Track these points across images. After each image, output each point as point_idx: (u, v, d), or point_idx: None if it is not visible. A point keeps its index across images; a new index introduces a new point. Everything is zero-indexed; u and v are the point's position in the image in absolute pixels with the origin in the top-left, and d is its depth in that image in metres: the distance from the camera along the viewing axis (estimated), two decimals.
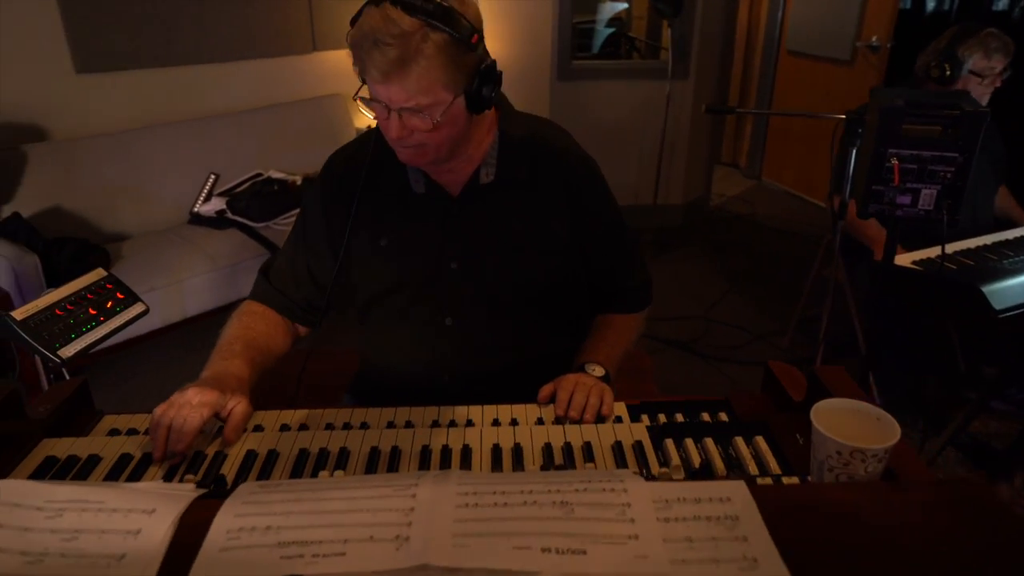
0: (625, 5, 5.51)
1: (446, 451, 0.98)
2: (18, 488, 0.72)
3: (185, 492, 0.74)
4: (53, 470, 0.94)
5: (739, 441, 0.98)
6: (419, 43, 1.02)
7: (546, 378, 1.19)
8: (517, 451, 0.97)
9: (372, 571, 0.64)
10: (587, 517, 0.69)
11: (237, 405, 1.05)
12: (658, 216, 4.33)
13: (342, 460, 0.96)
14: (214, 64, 3.58)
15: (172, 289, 2.80)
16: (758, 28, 5.33)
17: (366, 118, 1.37)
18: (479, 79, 1.10)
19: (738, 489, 0.74)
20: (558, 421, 1.10)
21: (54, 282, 2.53)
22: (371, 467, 0.94)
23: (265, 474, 0.93)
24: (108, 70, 3.31)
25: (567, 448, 0.98)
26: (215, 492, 0.76)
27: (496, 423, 1.08)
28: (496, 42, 4.26)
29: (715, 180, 5.11)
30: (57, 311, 1.36)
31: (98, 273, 1.50)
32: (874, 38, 4.23)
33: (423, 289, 1.27)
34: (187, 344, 2.88)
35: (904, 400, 2.48)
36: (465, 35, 1.05)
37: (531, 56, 4.18)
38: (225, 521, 0.69)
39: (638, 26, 5.95)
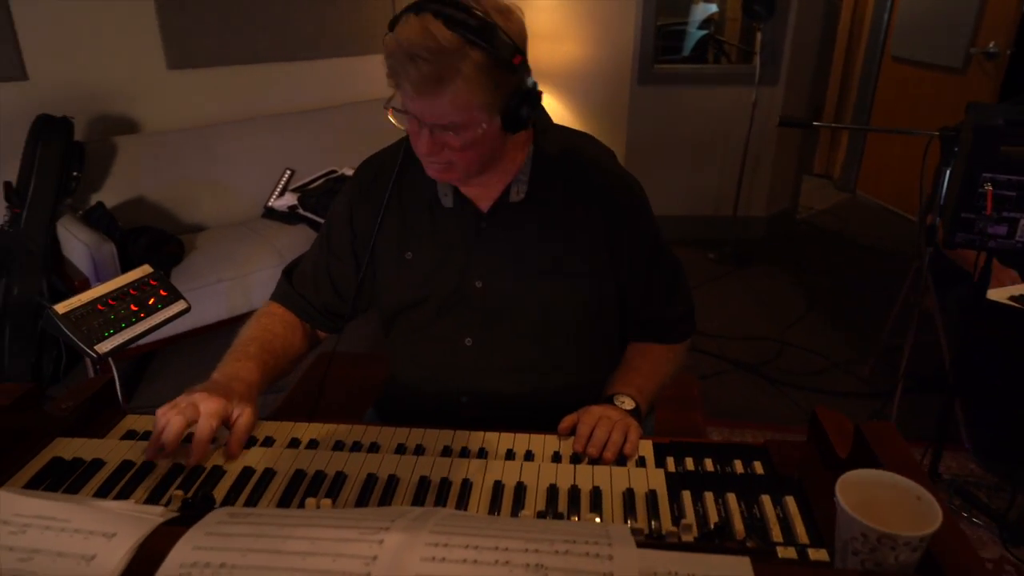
0: (715, 7, 5.31)
1: (445, 484, 0.92)
2: None
3: (152, 516, 0.72)
4: (53, 473, 0.94)
5: (766, 500, 0.88)
6: (457, 61, 0.97)
7: (569, 407, 1.12)
8: (519, 490, 0.91)
9: None
10: None
11: (241, 416, 1.02)
12: (738, 228, 4.14)
13: (336, 486, 0.92)
14: (296, 62, 3.67)
15: (240, 281, 2.87)
16: (861, 31, 5.02)
17: None
18: (518, 99, 1.04)
19: (740, 567, 0.65)
20: (576, 457, 1.03)
21: (128, 270, 2.64)
22: (364, 496, 0.90)
23: (256, 496, 0.90)
24: (196, 67, 3.44)
25: (573, 492, 0.91)
26: (183, 518, 0.73)
27: (510, 455, 1.02)
28: (575, 44, 4.19)
29: (803, 192, 4.86)
30: (99, 306, 1.39)
31: (144, 270, 1.53)
32: (992, 44, 3.89)
33: (445, 306, 1.22)
34: None
35: (995, 448, 2.25)
36: (506, 55, 0.99)
37: (611, 59, 4.08)
38: (181, 554, 0.66)
39: (731, 28, 5.72)
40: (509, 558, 0.65)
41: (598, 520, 0.86)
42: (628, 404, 1.16)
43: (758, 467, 0.99)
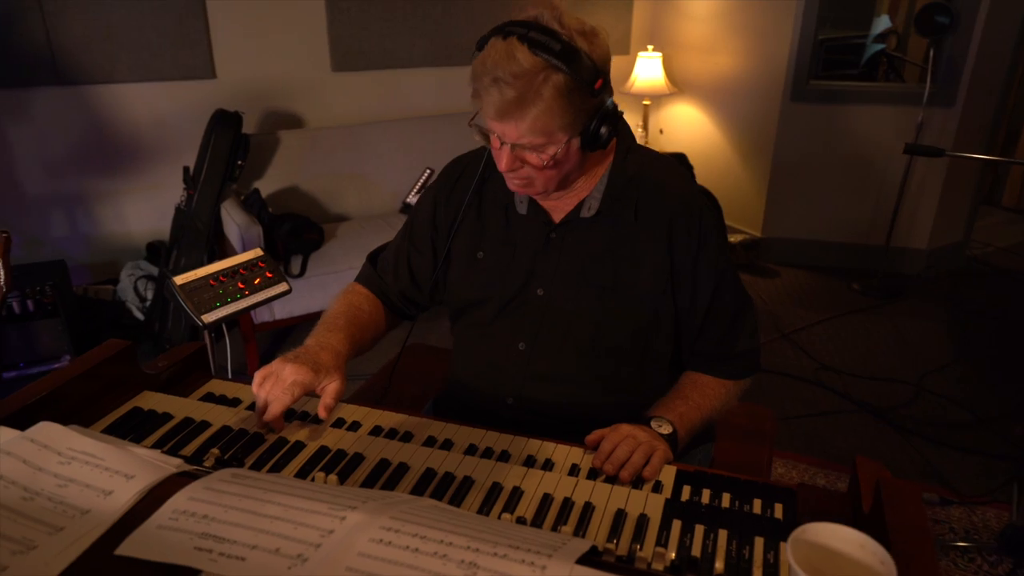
0: (888, 23, 4.91)
1: (447, 479, 0.97)
2: (52, 432, 0.85)
3: (168, 467, 0.83)
4: (130, 420, 1.09)
5: (759, 543, 0.84)
6: (539, 85, 1.02)
7: (610, 424, 1.12)
8: (514, 495, 0.93)
9: None
10: None
11: (331, 383, 1.09)
12: (891, 260, 3.81)
13: (351, 466, 0.99)
14: (448, 67, 3.86)
15: None
16: None
17: None
18: (598, 120, 1.08)
19: None
20: (594, 472, 1.03)
21: (272, 252, 2.93)
22: (372, 479, 0.96)
23: (279, 464, 0.99)
24: (357, 69, 3.73)
25: (565, 504, 0.92)
26: (195, 471, 0.83)
27: (529, 461, 1.04)
28: (727, 56, 4.06)
29: (982, 226, 4.37)
30: (211, 281, 1.58)
31: (255, 252, 1.71)
32: None
33: (505, 308, 1.27)
34: None
35: None
36: (588, 78, 1.03)
37: (763, 73, 3.91)
38: (177, 501, 0.76)
39: (914, 45, 5.26)
40: (448, 552, 0.69)
41: (572, 535, 0.87)
42: (664, 429, 1.14)
43: (778, 510, 0.95)
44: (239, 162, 3.06)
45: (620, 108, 1.16)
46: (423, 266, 1.36)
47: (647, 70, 4.20)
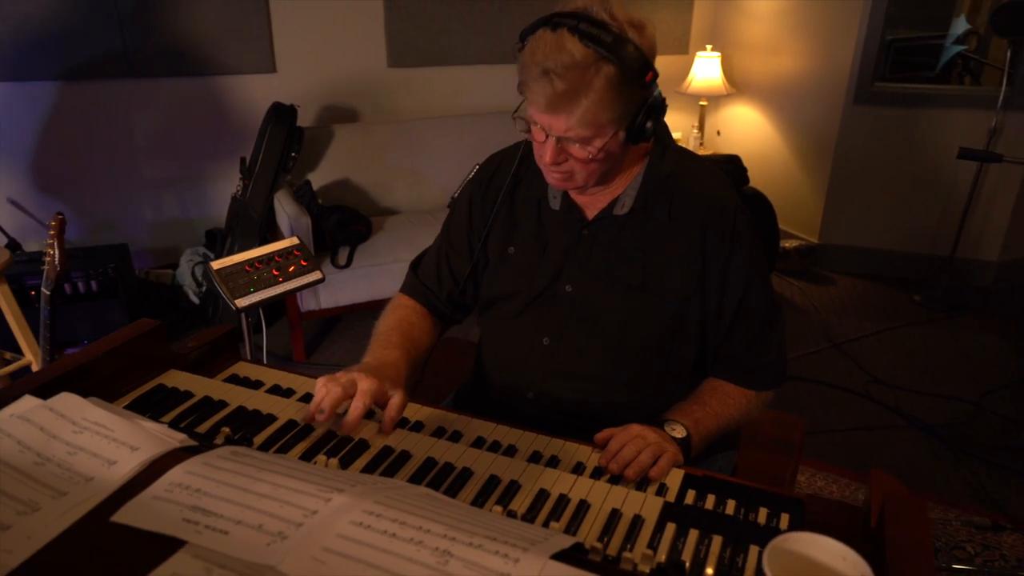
0: (966, 24, 4.68)
1: (447, 469, 0.97)
2: (70, 402, 0.89)
3: (172, 441, 0.86)
4: (154, 396, 1.13)
5: (754, 551, 0.82)
6: (591, 77, 1.01)
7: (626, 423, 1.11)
8: (510, 490, 0.93)
9: (236, 556, 0.68)
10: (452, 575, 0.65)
11: (394, 397, 1.06)
12: (958, 272, 3.64)
13: (356, 452, 1.00)
14: (500, 65, 3.88)
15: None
16: None
17: None
18: (645, 113, 1.07)
19: None
20: (599, 471, 1.02)
21: (320, 242, 3.00)
22: (372, 465, 0.97)
23: (286, 447, 1.01)
24: (412, 66, 3.78)
25: (561, 501, 0.91)
26: (198, 447, 0.86)
27: (535, 456, 1.04)
28: (789, 56, 3.95)
29: None
30: (247, 267, 1.63)
31: (291, 240, 1.76)
32: None
33: (532, 304, 1.27)
34: None
35: None
36: (638, 70, 1.02)
37: (826, 75, 3.79)
38: (175, 474, 0.79)
39: (996, 47, 5.00)
40: (424, 539, 0.69)
41: (562, 532, 0.86)
42: (678, 432, 1.12)
43: (784, 520, 0.92)
44: (293, 154, 3.15)
45: (668, 104, 1.14)
46: (461, 265, 1.36)
47: (705, 70, 4.12)
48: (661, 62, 1.07)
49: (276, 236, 3.18)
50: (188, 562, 0.67)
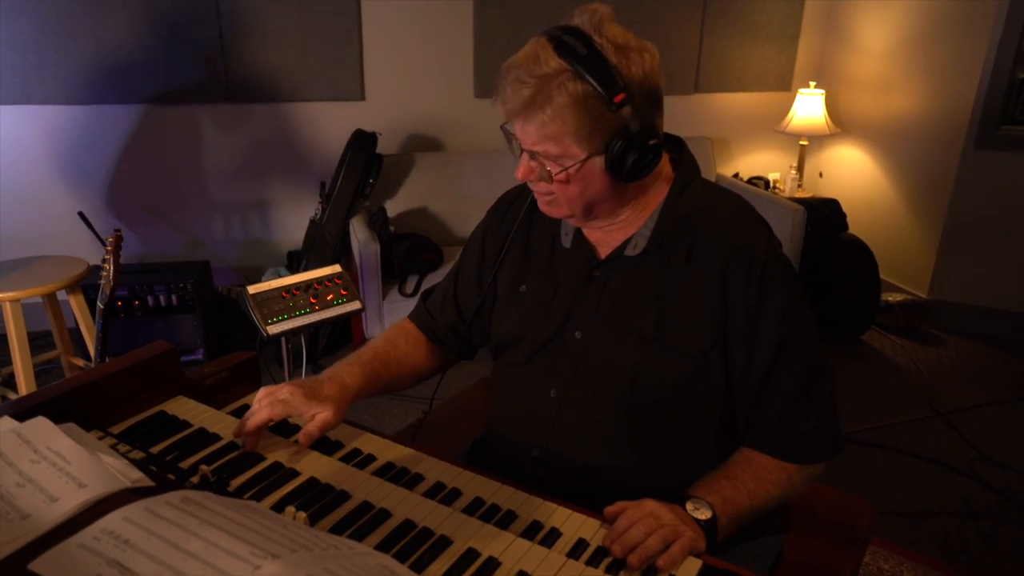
0: None
1: (423, 535, 0.87)
2: (40, 429, 0.86)
3: (125, 480, 0.80)
4: (151, 423, 1.10)
5: None
6: (553, 90, 0.95)
7: (639, 498, 0.98)
8: (487, 568, 0.82)
9: None
10: None
11: (320, 413, 1.05)
12: None
13: (331, 505, 0.92)
14: None
15: None
16: None
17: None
18: (623, 143, 0.97)
19: None
20: (601, 551, 0.89)
21: (389, 270, 2.99)
22: (346, 523, 0.89)
23: (265, 492, 0.94)
24: None
25: None
26: (152, 488, 0.80)
27: (534, 527, 0.92)
28: (904, 95, 3.67)
29: None
30: (283, 293, 1.60)
31: (333, 268, 1.72)
32: None
33: (540, 350, 1.16)
34: None
35: None
36: (610, 92, 0.94)
37: (944, 116, 3.48)
38: (111, 520, 0.72)
39: None
40: None
41: None
42: (702, 514, 0.97)
43: None
44: (371, 180, 3.17)
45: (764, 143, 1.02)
46: (468, 297, 1.29)
47: (806, 107, 3.88)
48: (757, 99, 0.96)
49: (349, 261, 3.20)
50: None
